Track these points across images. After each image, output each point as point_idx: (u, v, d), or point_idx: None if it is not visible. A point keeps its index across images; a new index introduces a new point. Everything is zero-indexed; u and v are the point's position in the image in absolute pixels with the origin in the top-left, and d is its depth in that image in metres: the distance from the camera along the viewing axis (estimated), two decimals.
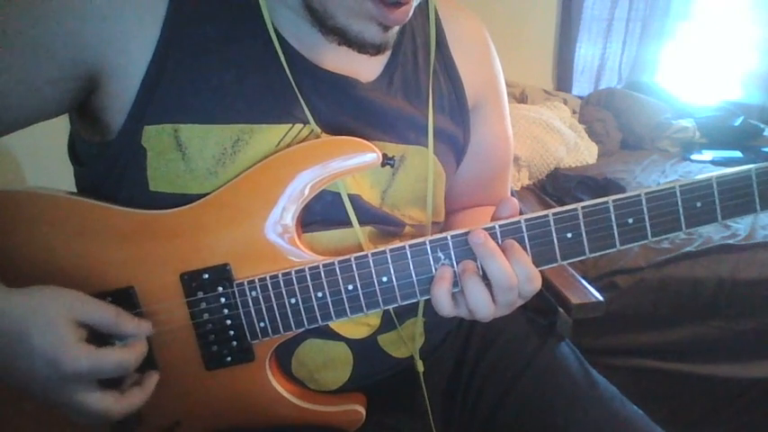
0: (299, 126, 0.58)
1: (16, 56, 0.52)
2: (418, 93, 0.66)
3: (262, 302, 0.57)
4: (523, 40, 2.82)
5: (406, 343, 0.68)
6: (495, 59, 0.75)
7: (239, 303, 0.57)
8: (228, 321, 0.57)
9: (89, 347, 0.48)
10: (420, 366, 0.68)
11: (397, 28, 0.58)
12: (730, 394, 1.52)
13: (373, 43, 0.56)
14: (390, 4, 0.52)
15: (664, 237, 0.53)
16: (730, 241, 1.57)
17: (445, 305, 0.54)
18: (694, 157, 2.33)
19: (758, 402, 1.51)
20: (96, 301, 0.51)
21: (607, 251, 0.54)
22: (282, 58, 0.57)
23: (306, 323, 0.57)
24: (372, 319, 0.65)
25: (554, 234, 0.53)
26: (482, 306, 0.53)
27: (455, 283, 0.54)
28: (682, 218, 0.53)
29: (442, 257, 0.54)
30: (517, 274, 0.52)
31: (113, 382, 0.52)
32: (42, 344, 0.47)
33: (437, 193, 0.69)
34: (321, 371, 0.64)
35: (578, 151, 2.28)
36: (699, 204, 0.53)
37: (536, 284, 0.53)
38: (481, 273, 0.54)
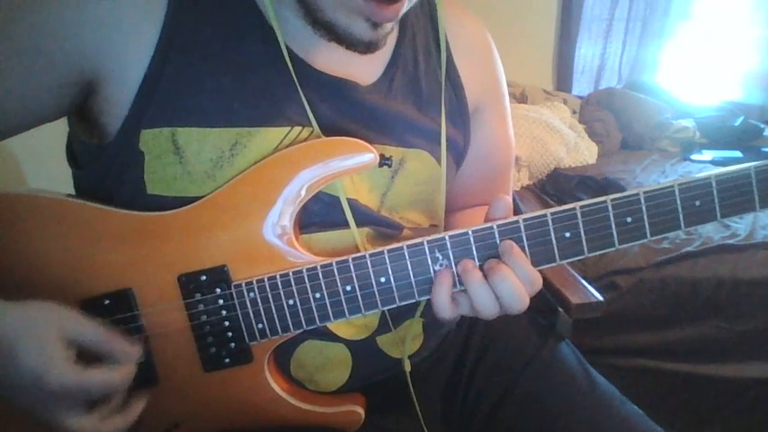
0: (297, 129, 0.58)
1: (14, 62, 0.52)
2: (419, 96, 0.66)
3: (260, 304, 0.56)
4: (523, 40, 2.82)
5: (404, 343, 0.68)
6: (498, 63, 0.75)
7: (237, 305, 0.57)
8: (226, 323, 0.57)
9: (75, 368, 0.48)
10: (408, 366, 0.67)
11: (389, 26, 0.57)
12: (730, 394, 1.52)
13: (361, 40, 0.55)
14: (381, 1, 0.51)
15: (663, 236, 0.53)
16: (730, 241, 1.57)
17: (446, 309, 0.54)
18: (694, 157, 2.33)
19: (758, 402, 1.51)
20: (89, 321, 0.51)
21: (606, 250, 0.54)
22: (288, 60, 0.57)
23: (304, 324, 0.57)
24: (370, 320, 0.64)
25: (552, 234, 0.53)
26: (488, 306, 0.53)
27: (455, 284, 0.54)
28: (681, 216, 0.52)
29: (440, 257, 0.54)
30: (520, 279, 0.52)
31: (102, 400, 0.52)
32: (29, 360, 0.46)
33: (437, 197, 0.68)
34: (320, 372, 0.64)
35: (578, 151, 2.28)
36: (698, 203, 0.52)
37: (537, 286, 0.53)
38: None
